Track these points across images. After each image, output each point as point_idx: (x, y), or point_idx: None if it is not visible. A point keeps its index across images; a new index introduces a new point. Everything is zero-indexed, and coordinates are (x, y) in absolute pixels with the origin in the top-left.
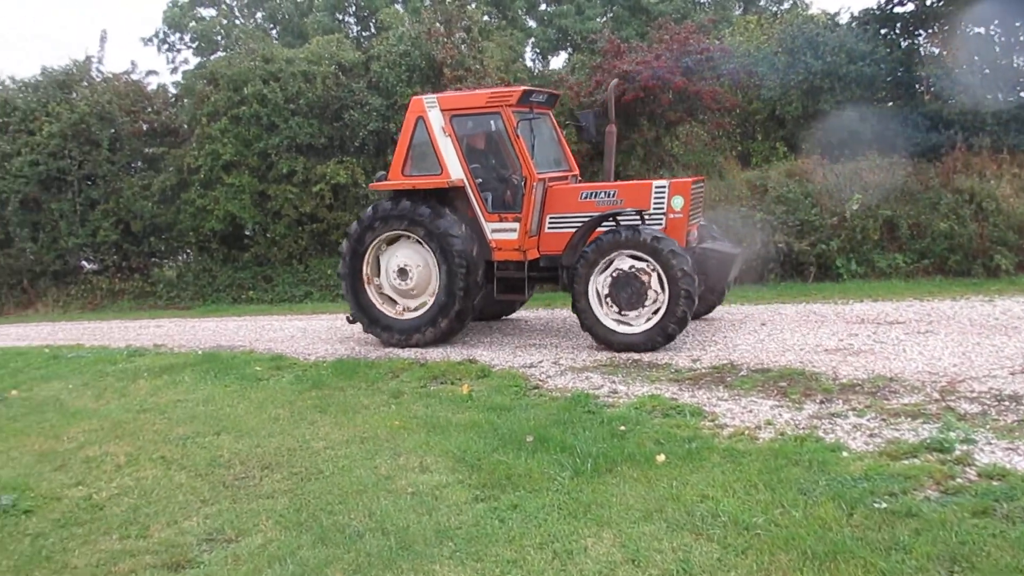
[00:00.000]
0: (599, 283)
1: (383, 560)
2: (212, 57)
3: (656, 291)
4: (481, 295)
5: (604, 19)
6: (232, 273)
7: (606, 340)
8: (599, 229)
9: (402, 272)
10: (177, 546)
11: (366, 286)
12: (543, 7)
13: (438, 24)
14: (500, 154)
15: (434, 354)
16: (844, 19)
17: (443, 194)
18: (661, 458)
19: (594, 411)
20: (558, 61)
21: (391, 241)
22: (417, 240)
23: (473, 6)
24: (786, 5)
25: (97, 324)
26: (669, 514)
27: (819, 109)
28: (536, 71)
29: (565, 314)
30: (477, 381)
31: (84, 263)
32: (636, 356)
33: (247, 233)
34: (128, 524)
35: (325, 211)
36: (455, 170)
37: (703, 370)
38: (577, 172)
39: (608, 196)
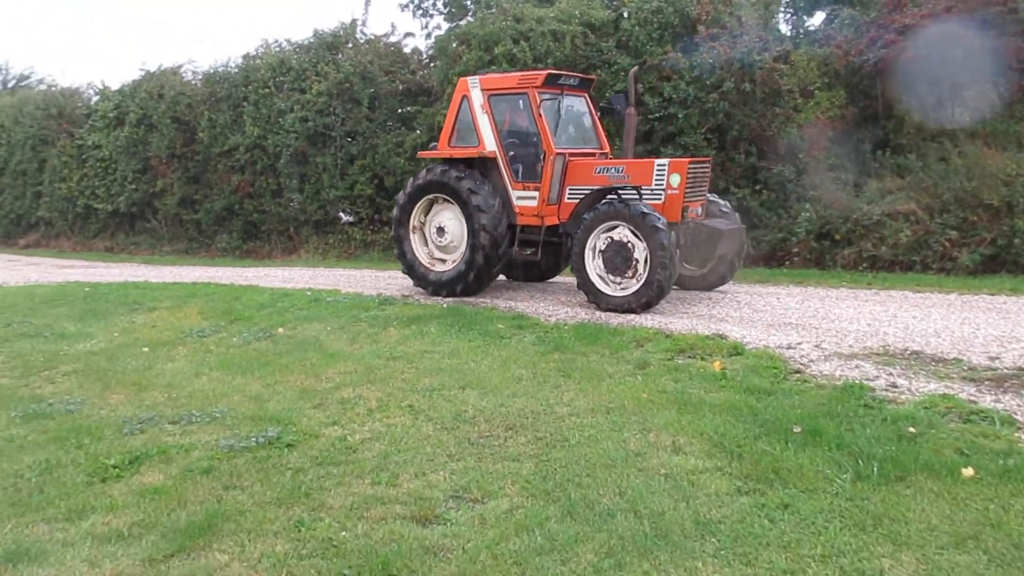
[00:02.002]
0: (594, 248)
1: (637, 546)
2: (461, 22)
3: (640, 260)
4: (505, 252)
5: None
6: None
7: (596, 300)
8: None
9: (440, 231)
10: (425, 499)
11: (412, 245)
12: None
13: None
14: (528, 130)
15: (679, 325)
16: None
17: (480, 163)
18: (968, 472)
19: (872, 406)
20: (816, 19)
21: (432, 204)
22: (450, 201)
23: None
24: None
25: (352, 272)
26: (989, 544)
27: None
28: (793, 31)
29: (824, 292)
30: (729, 359)
31: (341, 214)
32: (915, 348)
33: None
34: (379, 470)
35: None
36: (489, 142)
37: (1007, 370)
38: (607, 150)
39: (617, 172)
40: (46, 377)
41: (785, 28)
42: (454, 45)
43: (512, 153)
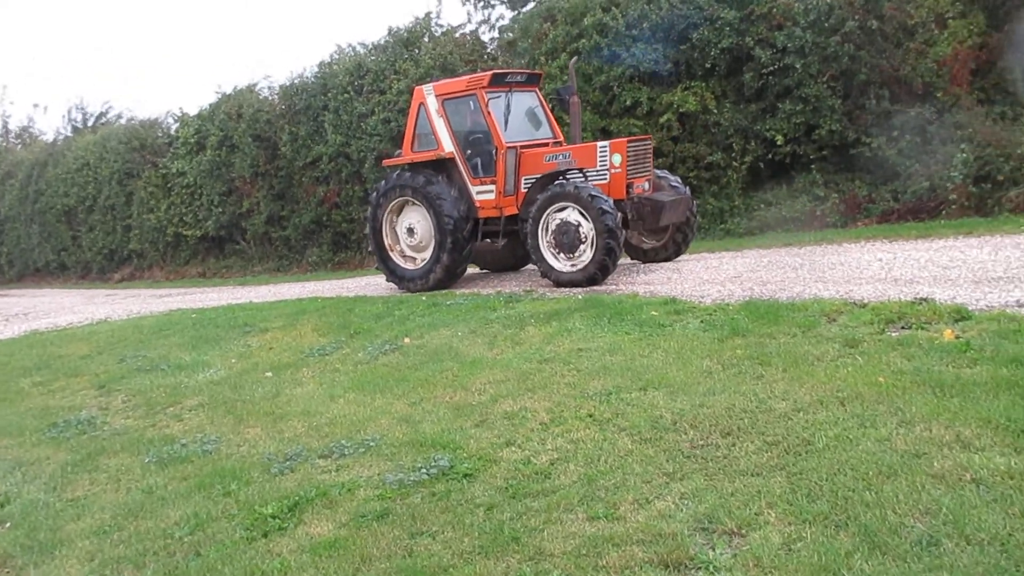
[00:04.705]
0: (546, 229)
1: None
2: (524, 9)
3: (587, 238)
4: (470, 246)
5: None
6: None
7: (549, 276)
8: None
9: (410, 231)
10: (664, 535)
11: (385, 246)
12: None
13: None
14: (480, 128)
15: (865, 292)
16: None
17: (441, 164)
18: None
19: None
20: None
21: (402, 206)
22: (416, 203)
23: None
24: None
25: None
26: None
27: None
28: None
29: (1009, 240)
30: (956, 325)
31: None
32: None
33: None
34: (589, 500)
35: (671, 144)
36: (447, 144)
37: None
38: (560, 138)
39: (565, 158)
40: (172, 414)
41: None
42: (539, 23)
43: (469, 151)
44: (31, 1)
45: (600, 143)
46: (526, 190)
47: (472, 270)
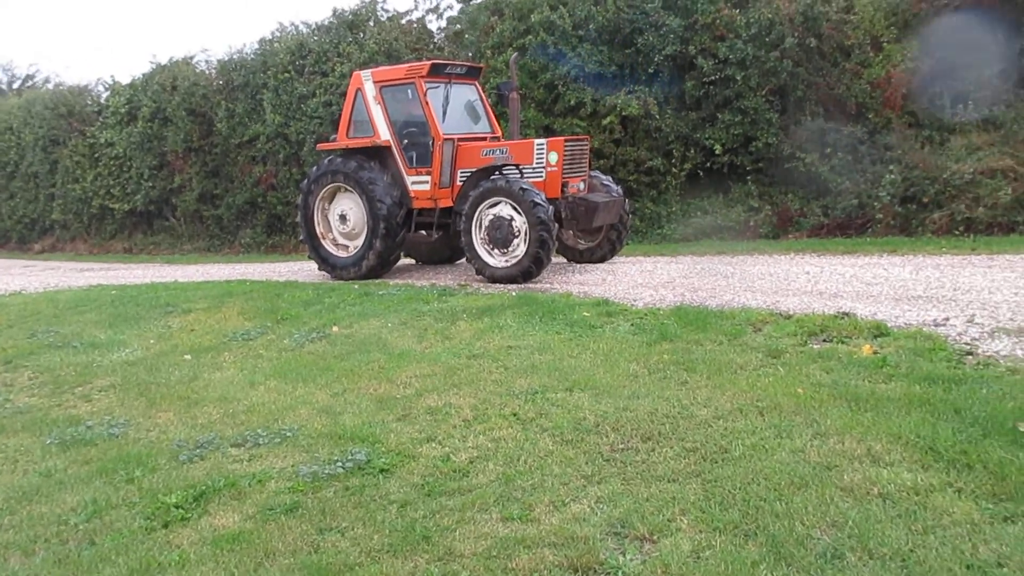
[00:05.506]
0: (479, 223)
1: None
2: (473, 1)
3: (520, 233)
4: (403, 235)
5: None
6: None
7: (483, 272)
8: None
9: (342, 218)
10: (576, 539)
11: (317, 232)
12: None
13: None
14: (418, 118)
15: (791, 304)
16: None
17: (377, 152)
18: None
19: None
20: None
21: (334, 193)
22: (349, 189)
23: None
24: None
25: None
26: None
27: None
28: None
29: (929, 260)
30: (875, 341)
31: None
32: None
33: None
34: (505, 500)
35: (612, 146)
36: (383, 132)
37: None
38: (499, 133)
39: (502, 153)
40: (80, 394)
41: None
42: (486, 15)
43: (405, 141)
44: None
45: (537, 140)
46: (462, 183)
47: (407, 262)
